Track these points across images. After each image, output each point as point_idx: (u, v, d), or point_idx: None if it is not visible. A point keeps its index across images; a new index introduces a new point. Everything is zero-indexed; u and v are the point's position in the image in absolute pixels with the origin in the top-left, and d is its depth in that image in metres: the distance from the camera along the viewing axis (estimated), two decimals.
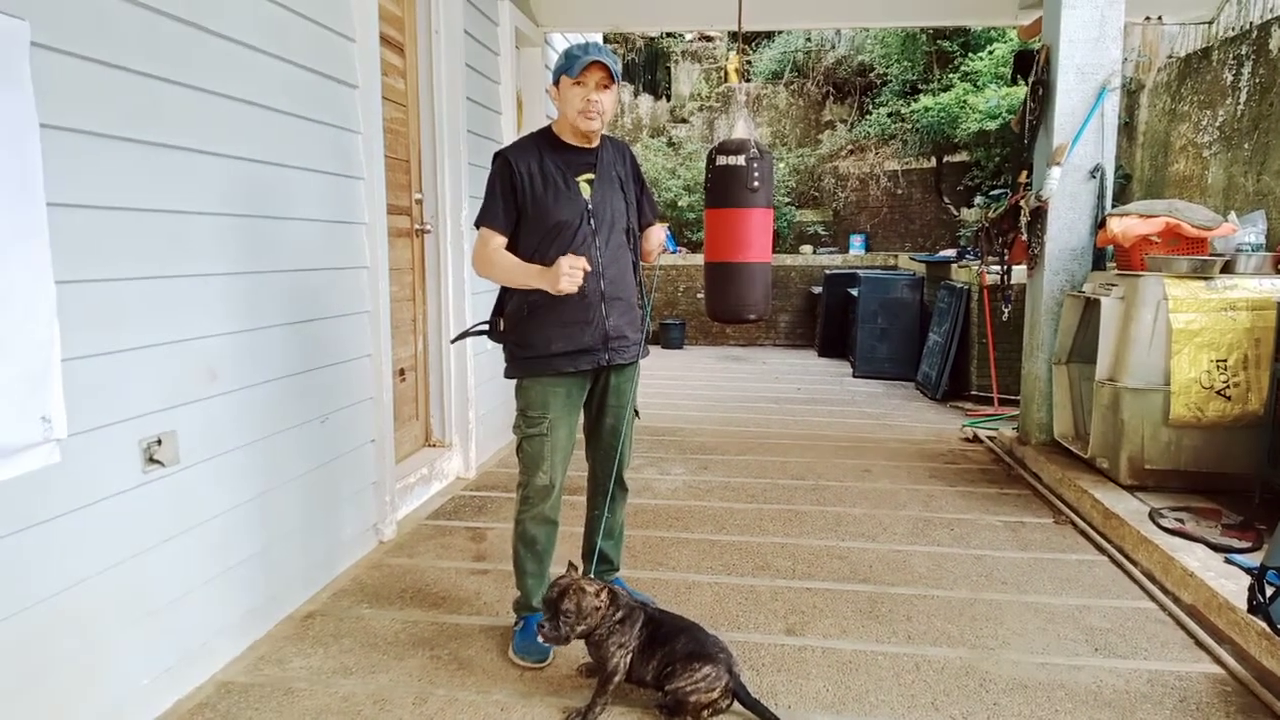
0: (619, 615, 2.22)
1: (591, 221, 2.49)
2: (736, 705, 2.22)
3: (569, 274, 2.28)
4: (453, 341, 3.57)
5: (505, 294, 2.59)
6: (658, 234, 2.75)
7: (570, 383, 2.55)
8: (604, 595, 2.23)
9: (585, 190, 2.50)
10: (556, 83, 2.47)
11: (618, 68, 2.45)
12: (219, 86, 2.40)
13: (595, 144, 2.54)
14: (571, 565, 2.34)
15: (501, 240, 2.47)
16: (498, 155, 2.50)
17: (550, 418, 2.54)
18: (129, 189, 2.10)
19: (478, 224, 2.49)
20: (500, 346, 2.60)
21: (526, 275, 2.40)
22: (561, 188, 2.47)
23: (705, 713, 2.18)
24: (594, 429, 2.74)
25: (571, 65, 2.39)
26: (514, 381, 2.59)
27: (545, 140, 2.53)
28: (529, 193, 2.45)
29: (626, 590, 2.49)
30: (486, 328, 2.64)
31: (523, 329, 2.51)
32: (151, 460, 2.17)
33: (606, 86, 2.43)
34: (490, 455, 4.76)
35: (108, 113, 2.02)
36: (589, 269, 2.35)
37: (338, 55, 3.06)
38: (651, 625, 2.25)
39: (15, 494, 1.78)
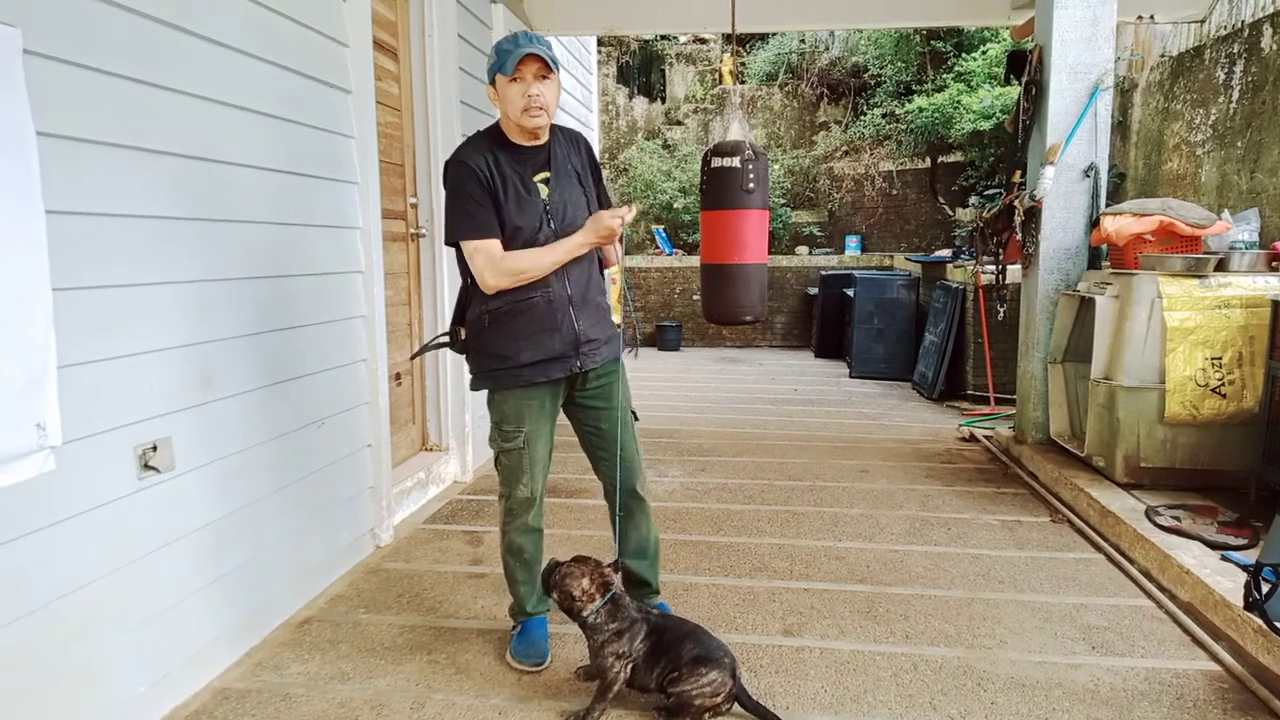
0: (615, 626, 2.20)
1: (550, 224, 2.36)
2: (737, 708, 2.23)
3: (612, 231, 2.30)
4: (412, 357, 3.44)
5: (464, 300, 2.48)
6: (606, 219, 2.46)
7: (543, 393, 2.45)
8: (595, 587, 2.23)
9: (543, 191, 2.37)
10: (492, 82, 2.32)
11: (553, 54, 2.28)
12: (211, 92, 2.40)
13: (545, 139, 2.41)
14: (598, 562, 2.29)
15: (499, 247, 2.31)
16: (452, 163, 2.35)
17: (526, 430, 2.44)
18: (122, 195, 2.10)
19: (460, 239, 2.32)
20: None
21: (568, 249, 2.33)
22: (521, 191, 2.34)
23: (707, 715, 2.18)
24: (586, 438, 2.61)
25: (504, 61, 2.25)
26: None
27: (494, 140, 2.38)
28: (498, 195, 2.32)
29: (653, 607, 2.46)
30: (448, 339, 2.54)
31: (486, 338, 2.40)
32: (146, 467, 2.17)
33: (545, 77, 2.29)
34: (487, 459, 4.75)
35: (100, 119, 2.02)
36: (628, 219, 2.33)
37: (330, 60, 3.06)
38: (655, 635, 2.23)
39: (10, 502, 1.78)
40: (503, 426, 2.46)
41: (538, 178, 2.38)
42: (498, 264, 2.30)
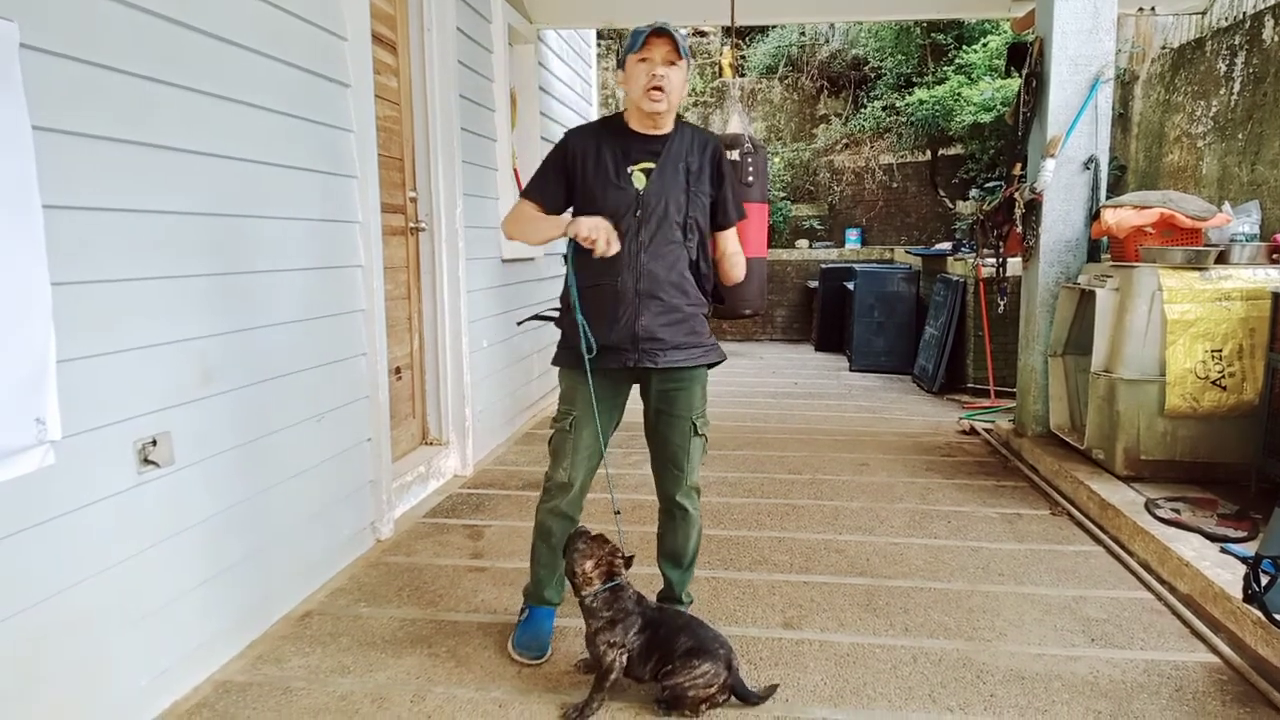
0: (609, 615, 2.21)
1: (639, 213, 2.34)
2: (734, 699, 2.24)
3: (591, 227, 2.22)
4: (520, 324, 3.46)
5: (566, 283, 2.49)
6: (729, 242, 2.54)
7: (598, 381, 2.40)
8: (596, 572, 2.24)
9: (640, 180, 2.36)
10: (622, 65, 2.35)
11: (685, 44, 2.30)
12: (209, 86, 2.40)
13: (665, 130, 2.39)
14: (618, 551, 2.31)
15: (535, 211, 2.43)
16: (565, 135, 2.50)
17: (575, 414, 2.45)
18: (120, 190, 2.09)
19: (521, 196, 2.50)
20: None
21: (550, 226, 2.38)
22: (610, 177, 2.36)
23: (703, 707, 2.19)
24: (650, 437, 2.58)
25: (635, 40, 2.28)
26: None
27: (611, 126, 2.45)
28: (580, 177, 2.38)
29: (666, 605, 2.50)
30: (557, 314, 2.60)
31: (567, 317, 2.47)
32: (146, 461, 2.17)
33: (673, 62, 2.28)
34: (487, 453, 4.76)
35: (97, 114, 2.01)
36: (614, 244, 2.24)
37: (329, 54, 3.05)
38: (651, 628, 2.24)
39: (10, 496, 1.78)
40: (560, 404, 2.52)
41: (639, 166, 2.37)
42: (510, 216, 2.51)
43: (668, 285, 2.38)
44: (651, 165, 2.37)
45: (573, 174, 2.40)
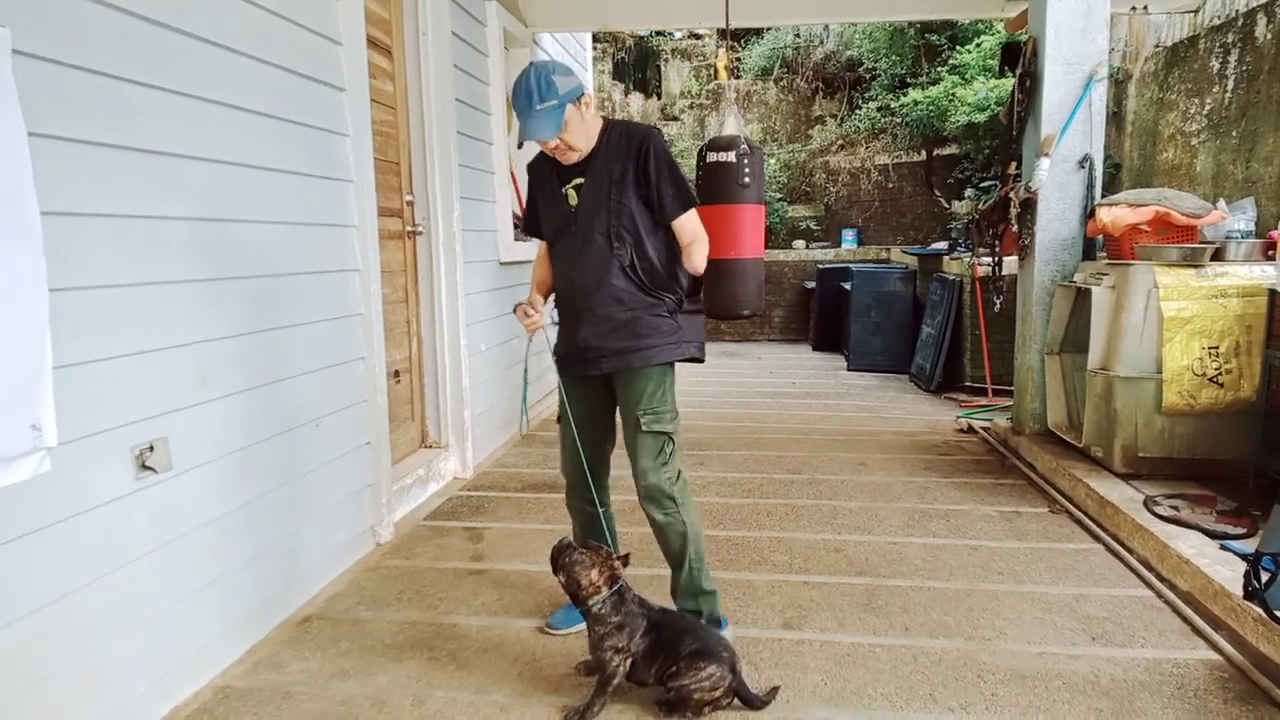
0: (617, 620, 2.21)
1: (574, 228, 2.45)
2: (737, 702, 2.23)
3: (518, 313, 2.54)
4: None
5: None
6: (682, 235, 2.48)
7: (575, 385, 2.58)
8: (603, 579, 2.24)
9: (572, 197, 2.45)
10: None
11: (557, 115, 2.30)
12: (204, 91, 2.40)
13: (587, 152, 2.44)
14: (608, 551, 2.31)
15: (543, 250, 2.66)
16: (527, 165, 2.66)
17: (564, 412, 2.61)
18: (115, 195, 2.09)
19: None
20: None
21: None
22: (552, 198, 2.51)
23: (706, 710, 2.19)
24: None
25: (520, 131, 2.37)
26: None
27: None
28: (538, 201, 2.60)
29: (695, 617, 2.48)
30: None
31: None
32: (144, 467, 2.16)
33: (558, 139, 2.35)
34: (487, 455, 4.76)
35: (91, 119, 2.01)
36: (527, 313, 2.52)
37: (324, 59, 3.05)
38: (655, 630, 2.23)
39: (7, 503, 1.78)
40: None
41: (571, 184, 2.46)
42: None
43: (598, 297, 2.44)
44: (582, 180, 2.45)
45: (535, 199, 2.62)
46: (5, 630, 1.79)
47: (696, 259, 2.48)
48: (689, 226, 2.47)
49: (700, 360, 2.61)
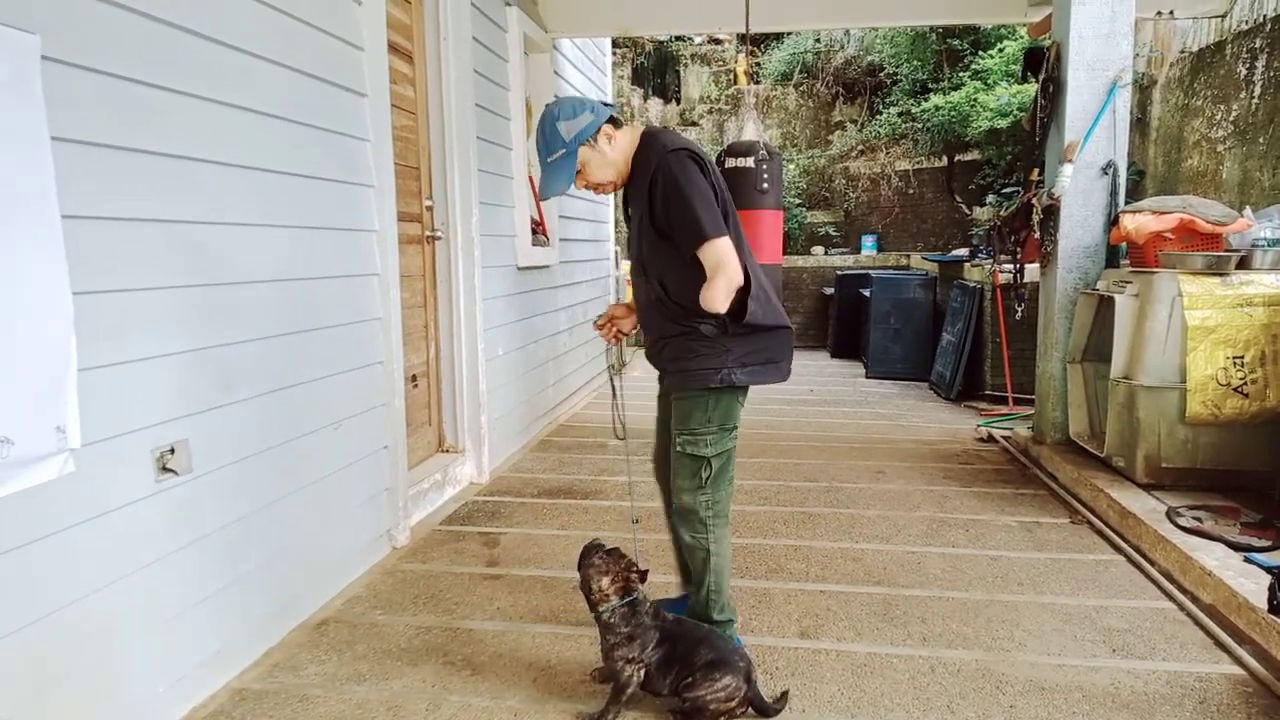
0: (628, 631, 2.19)
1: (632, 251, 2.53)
2: (752, 712, 2.22)
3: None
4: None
5: None
6: (704, 269, 2.24)
7: (662, 392, 2.63)
8: (613, 588, 2.22)
9: (625, 224, 2.59)
10: None
11: (569, 164, 2.33)
12: (228, 97, 2.42)
13: (624, 183, 2.44)
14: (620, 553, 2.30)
15: None
16: None
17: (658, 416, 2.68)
18: (140, 200, 2.11)
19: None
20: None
21: None
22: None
23: (722, 718, 2.18)
24: None
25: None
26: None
27: None
28: None
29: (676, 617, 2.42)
30: None
31: None
32: (165, 469, 2.18)
33: (575, 186, 2.41)
34: (504, 460, 4.77)
35: (116, 124, 2.03)
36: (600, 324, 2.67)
37: (346, 64, 3.08)
38: (668, 642, 2.22)
39: (31, 504, 1.80)
40: None
41: (627, 209, 2.54)
42: None
43: (648, 318, 2.50)
44: (631, 208, 2.50)
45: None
46: (26, 630, 1.81)
47: (708, 295, 2.20)
48: (709, 260, 2.21)
49: (720, 392, 2.38)
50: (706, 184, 2.27)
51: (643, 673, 2.19)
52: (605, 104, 2.40)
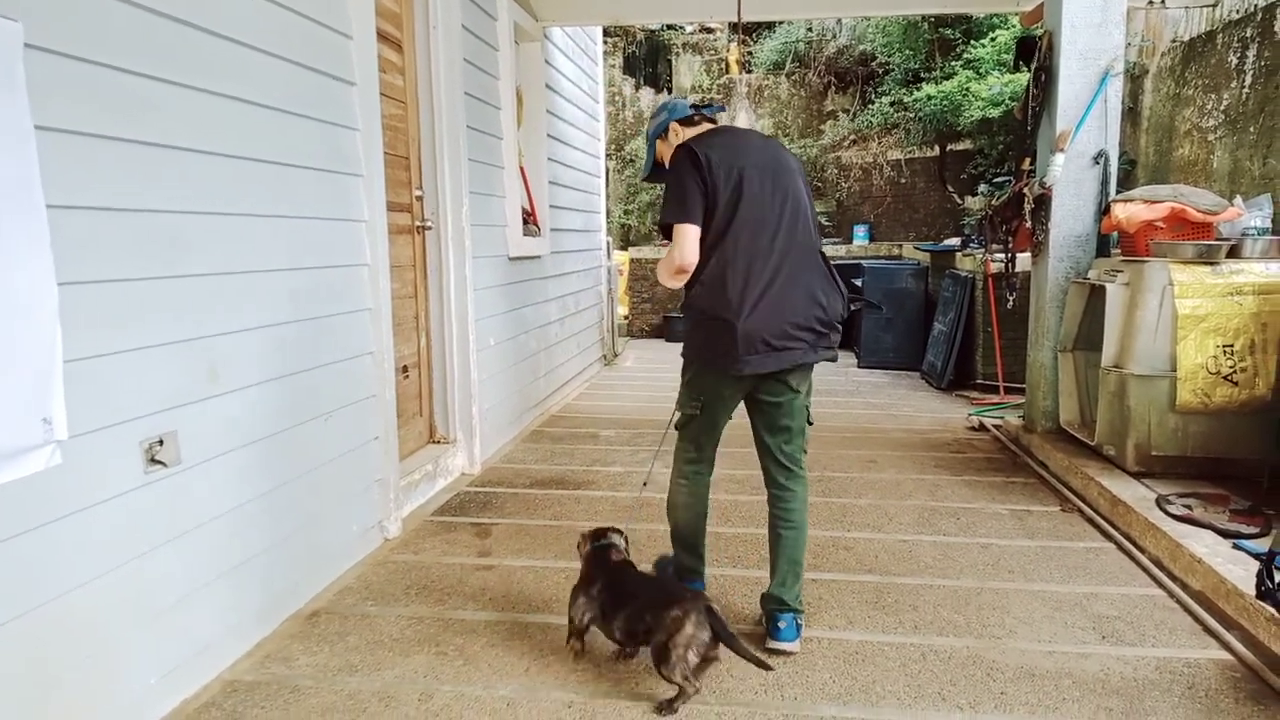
0: (576, 582, 2.48)
1: None
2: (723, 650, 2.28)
3: None
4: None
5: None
6: None
7: None
8: (583, 550, 2.57)
9: None
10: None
11: (649, 152, 2.81)
12: (215, 85, 2.40)
13: None
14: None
15: None
16: None
17: None
18: (126, 190, 2.09)
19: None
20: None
21: None
22: None
23: (690, 655, 2.16)
24: None
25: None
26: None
27: None
28: None
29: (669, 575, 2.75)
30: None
31: None
32: (153, 461, 2.17)
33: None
34: (495, 451, 4.76)
35: (103, 113, 2.01)
36: None
37: (335, 52, 3.05)
38: (610, 590, 2.38)
39: (18, 496, 1.78)
40: None
41: None
42: None
43: None
44: None
45: None
46: (16, 622, 1.80)
47: (657, 267, 2.64)
48: (672, 240, 2.50)
49: (689, 364, 2.69)
50: (693, 178, 2.45)
51: (586, 618, 2.41)
52: (694, 105, 2.73)
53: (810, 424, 2.73)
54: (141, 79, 2.12)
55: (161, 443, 2.19)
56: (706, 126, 2.68)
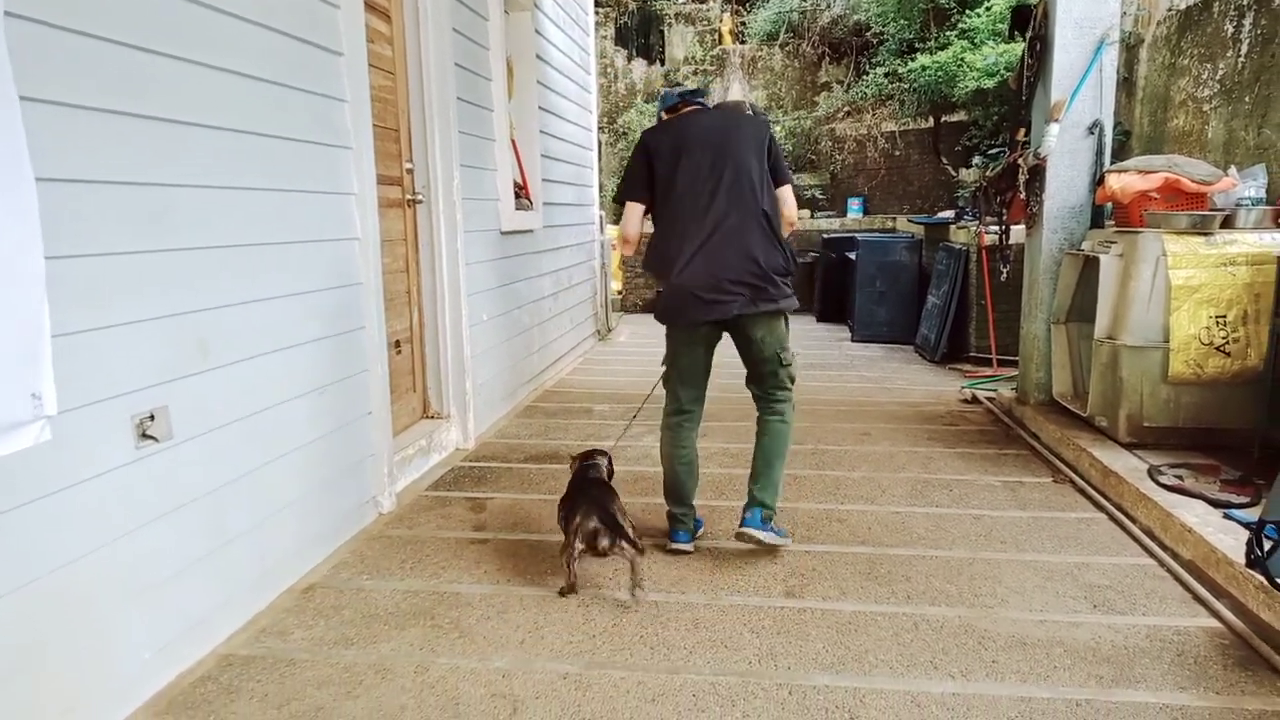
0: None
1: None
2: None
3: None
4: None
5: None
6: None
7: None
8: (572, 469, 2.99)
9: None
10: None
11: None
12: (201, 56, 2.36)
13: None
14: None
15: None
16: None
17: None
18: (111, 162, 2.06)
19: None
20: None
21: None
22: None
23: (577, 542, 2.61)
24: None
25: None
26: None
27: None
28: None
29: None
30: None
31: None
32: (144, 436, 2.16)
33: None
34: (489, 426, 4.76)
35: (87, 85, 1.98)
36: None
37: (322, 22, 3.00)
38: (572, 499, 2.76)
39: (9, 472, 1.77)
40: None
41: None
42: None
43: None
44: None
45: None
46: (9, 598, 1.80)
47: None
48: None
49: (663, 325, 3.03)
50: (639, 162, 2.97)
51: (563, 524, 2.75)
52: (681, 93, 3.10)
53: (789, 362, 3.10)
54: (127, 49, 2.09)
55: (152, 418, 2.18)
56: (688, 109, 3.04)
